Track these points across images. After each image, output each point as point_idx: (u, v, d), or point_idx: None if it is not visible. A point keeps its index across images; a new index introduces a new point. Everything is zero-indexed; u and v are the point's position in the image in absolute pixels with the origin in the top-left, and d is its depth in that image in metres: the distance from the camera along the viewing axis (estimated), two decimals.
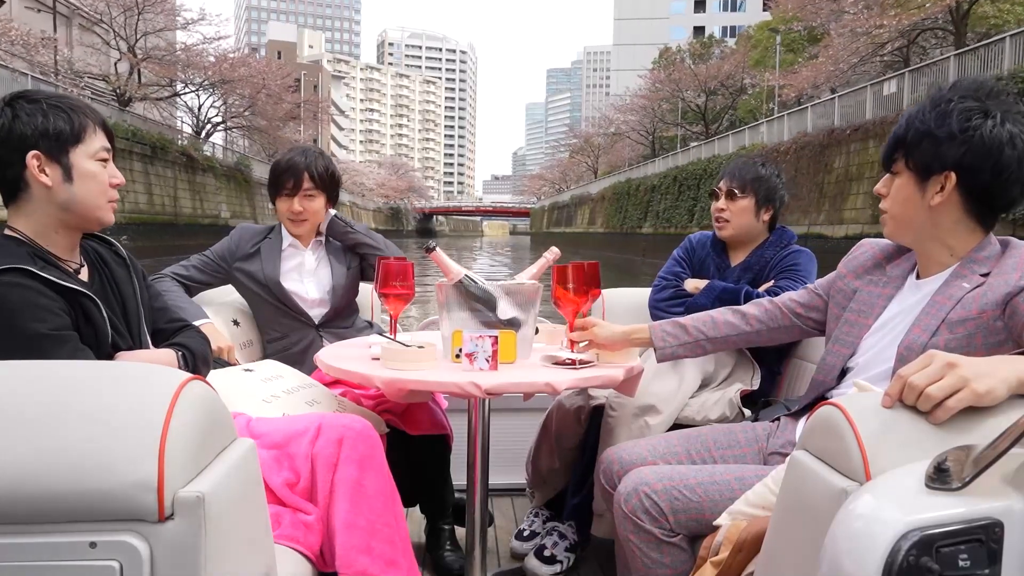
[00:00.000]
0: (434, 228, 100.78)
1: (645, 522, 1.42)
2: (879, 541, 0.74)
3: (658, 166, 36.60)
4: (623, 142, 49.69)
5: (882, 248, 1.52)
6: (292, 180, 2.18)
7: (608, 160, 55.64)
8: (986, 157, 1.25)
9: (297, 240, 2.28)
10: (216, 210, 31.29)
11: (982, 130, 1.25)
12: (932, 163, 1.30)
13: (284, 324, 2.24)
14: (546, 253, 1.84)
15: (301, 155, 2.21)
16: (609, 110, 49.99)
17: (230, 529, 0.88)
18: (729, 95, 37.47)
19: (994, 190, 1.29)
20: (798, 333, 1.68)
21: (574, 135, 68.36)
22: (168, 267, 2.21)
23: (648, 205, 34.38)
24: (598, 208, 46.49)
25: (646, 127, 44.77)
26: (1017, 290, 1.22)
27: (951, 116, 1.27)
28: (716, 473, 1.46)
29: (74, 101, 1.37)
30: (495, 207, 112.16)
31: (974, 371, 0.89)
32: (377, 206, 77.85)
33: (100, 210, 1.39)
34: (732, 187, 2.12)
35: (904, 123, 1.35)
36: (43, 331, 1.25)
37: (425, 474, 2.14)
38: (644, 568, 1.43)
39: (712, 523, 1.34)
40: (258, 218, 36.42)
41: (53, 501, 0.78)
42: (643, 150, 46.56)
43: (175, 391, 0.84)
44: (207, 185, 30.48)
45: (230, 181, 34.54)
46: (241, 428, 1.50)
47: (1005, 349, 1.21)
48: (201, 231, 25.93)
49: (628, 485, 1.46)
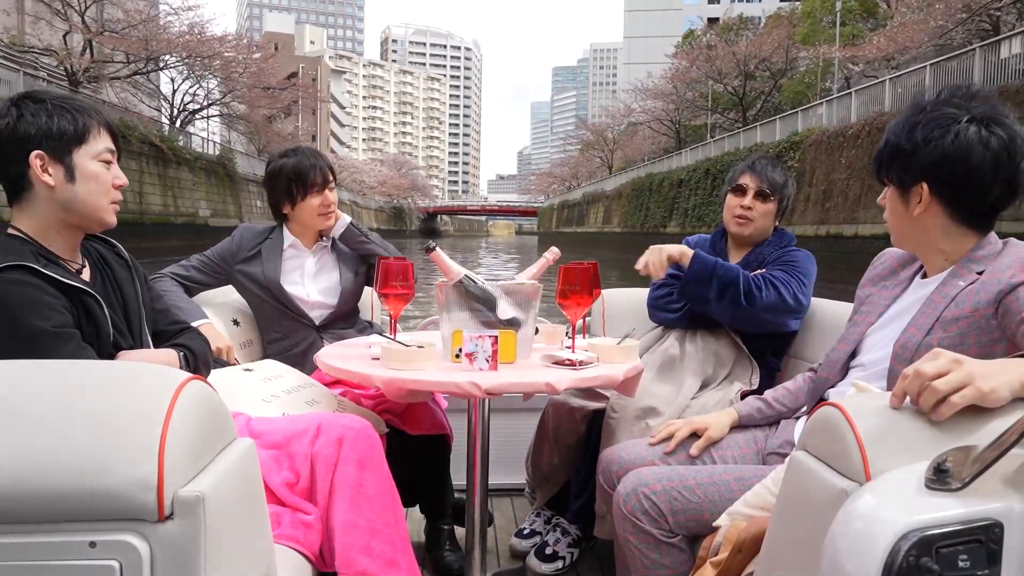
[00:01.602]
0: (438, 228, 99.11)
1: (644, 523, 1.42)
2: (879, 541, 0.74)
3: (685, 158, 33.05)
4: (642, 133, 45.13)
5: (899, 256, 1.53)
6: (321, 175, 2.22)
7: (624, 154, 51.52)
8: (952, 164, 1.26)
9: (298, 241, 2.28)
10: (193, 208, 27.69)
11: (946, 138, 1.26)
12: (905, 176, 1.32)
13: (285, 325, 2.24)
14: (546, 253, 1.84)
15: (313, 153, 2.27)
16: (628, 97, 44.07)
17: (230, 529, 0.88)
18: (769, 77, 32.24)
19: (971, 194, 1.29)
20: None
21: (586, 128, 63.38)
22: (168, 267, 2.21)
23: (674, 202, 31.28)
24: (614, 206, 43.16)
25: (670, 116, 39.90)
26: (1009, 288, 1.21)
27: (918, 128, 1.29)
28: (715, 474, 1.46)
29: (79, 102, 1.38)
30: (501, 206, 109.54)
31: (980, 370, 0.89)
32: (379, 205, 75.87)
33: (102, 211, 1.39)
34: (764, 188, 2.09)
35: (884, 137, 1.37)
36: (45, 328, 1.26)
37: (425, 474, 2.14)
38: (644, 569, 1.44)
39: (711, 523, 1.34)
40: (244, 217, 33.17)
41: (53, 500, 0.78)
42: (666, 142, 42.06)
43: (175, 391, 0.84)
44: (181, 180, 26.58)
45: (210, 176, 30.64)
46: (241, 428, 1.50)
47: (998, 348, 1.21)
48: (174, 231, 23.10)
49: (627, 486, 1.47)
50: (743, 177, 2.12)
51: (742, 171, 2.14)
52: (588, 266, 1.61)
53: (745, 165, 2.16)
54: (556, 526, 2.19)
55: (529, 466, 2.30)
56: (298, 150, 2.28)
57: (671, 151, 38.26)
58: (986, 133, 1.25)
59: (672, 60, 38.69)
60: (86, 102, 1.41)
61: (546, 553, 2.12)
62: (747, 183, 2.11)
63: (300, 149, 2.29)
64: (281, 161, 2.24)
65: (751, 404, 1.66)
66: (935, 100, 1.31)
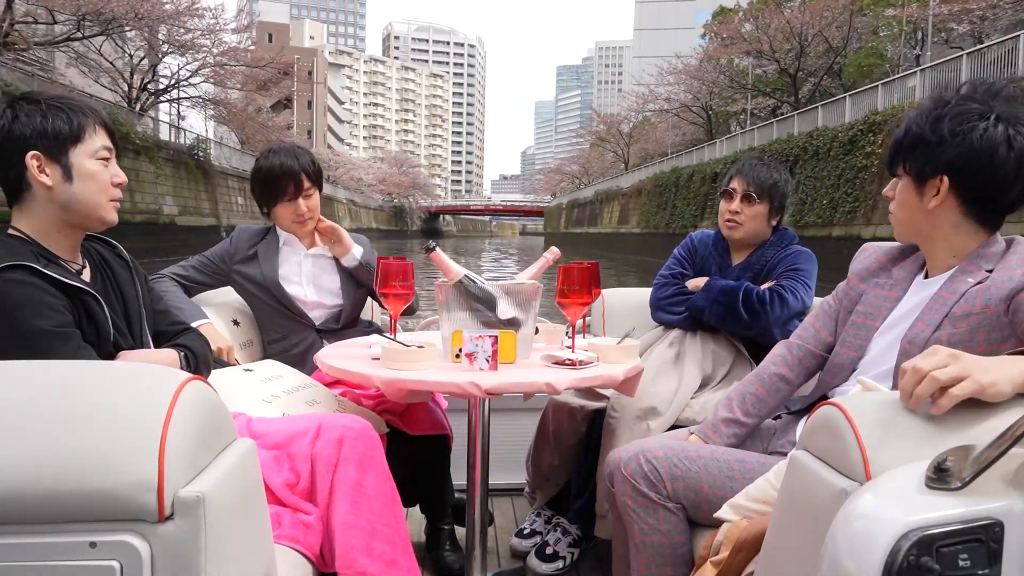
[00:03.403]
0: (441, 228, 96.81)
1: (642, 485, 1.43)
2: (879, 541, 0.74)
3: (721, 149, 29.20)
4: (665, 123, 40.44)
5: (886, 251, 1.53)
6: (292, 184, 2.13)
7: (642, 148, 46.76)
8: (977, 160, 1.25)
9: (292, 238, 2.26)
10: (155, 205, 23.90)
11: (974, 133, 1.25)
12: (925, 167, 1.31)
13: (284, 325, 2.24)
14: (546, 253, 1.84)
15: (290, 156, 2.15)
16: (652, 81, 38.13)
17: (230, 529, 0.88)
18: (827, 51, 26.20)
19: (990, 193, 1.28)
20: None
21: (599, 119, 56.44)
22: (167, 267, 2.20)
23: (707, 199, 27.42)
24: (632, 204, 39.42)
25: (701, 101, 35.09)
26: (1021, 286, 1.22)
27: (944, 120, 1.27)
28: (718, 452, 1.47)
29: (74, 101, 1.38)
30: (506, 206, 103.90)
31: (978, 364, 0.89)
32: (378, 204, 73.64)
33: (101, 209, 1.39)
34: (749, 191, 2.10)
35: (904, 126, 1.35)
36: (46, 328, 1.26)
37: (425, 474, 2.14)
38: (640, 535, 1.44)
39: (709, 499, 1.36)
40: (222, 216, 29.35)
41: (53, 501, 0.78)
42: (692, 133, 37.78)
43: (175, 391, 0.84)
44: (140, 172, 22.85)
45: (179, 168, 26.57)
46: (241, 428, 1.50)
47: (1007, 346, 1.21)
48: (130, 232, 18.80)
49: (629, 451, 1.48)
50: (732, 181, 2.15)
51: (732, 175, 2.17)
52: (588, 266, 1.61)
53: (735, 168, 2.18)
54: (556, 526, 2.19)
55: (529, 466, 2.30)
56: (279, 151, 2.17)
57: (699, 143, 34.20)
58: (1012, 132, 1.24)
59: (699, 43, 34.55)
60: (82, 101, 1.41)
61: (546, 553, 2.12)
62: (735, 187, 2.14)
63: (281, 150, 2.17)
64: (259, 163, 2.17)
65: (722, 432, 1.58)
66: (958, 94, 1.30)
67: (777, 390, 1.60)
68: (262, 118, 37.14)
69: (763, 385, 1.60)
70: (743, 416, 1.58)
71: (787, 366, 1.60)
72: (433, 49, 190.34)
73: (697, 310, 2.06)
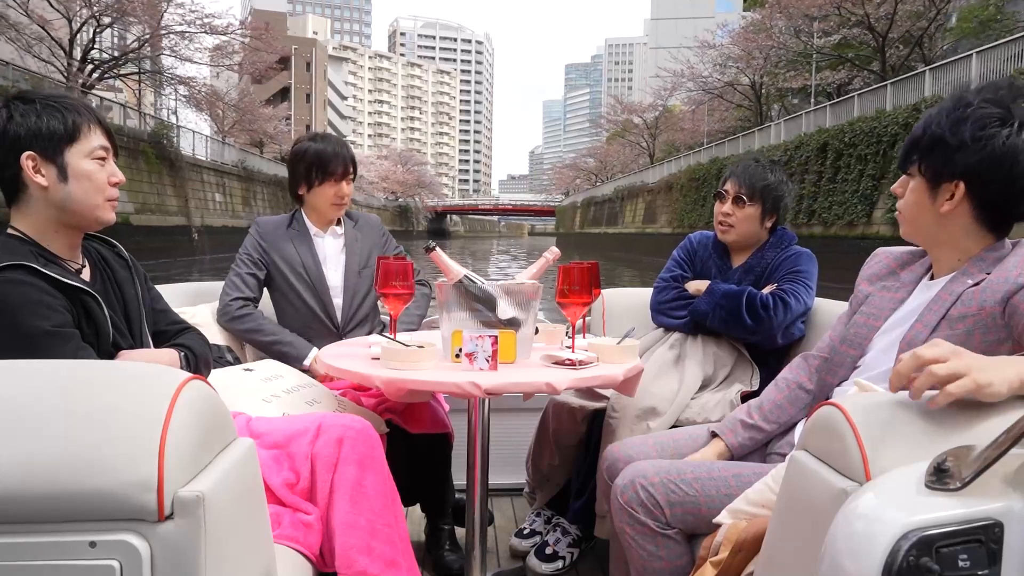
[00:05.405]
0: (448, 228, 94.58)
1: (640, 514, 1.42)
2: (879, 541, 0.74)
3: (776, 134, 24.69)
4: (700, 109, 35.48)
5: (896, 256, 1.52)
6: (342, 166, 2.23)
7: (668, 140, 41.58)
8: (998, 168, 1.22)
9: (315, 227, 2.28)
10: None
11: (996, 140, 1.22)
12: (942, 171, 1.28)
13: (311, 329, 2.20)
14: (546, 253, 1.84)
15: (339, 143, 2.28)
16: (692, 55, 33.05)
17: (230, 529, 0.88)
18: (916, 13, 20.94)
19: (1007, 201, 1.26)
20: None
21: (621, 108, 50.44)
22: (230, 300, 2.15)
23: None
24: (659, 201, 35.21)
25: (751, 78, 29.94)
26: (1016, 288, 1.20)
27: (965, 123, 1.24)
28: (714, 469, 1.46)
29: (69, 100, 1.37)
30: (515, 206, 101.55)
31: (978, 363, 0.89)
32: (382, 203, 69.09)
33: (98, 209, 1.38)
34: (740, 193, 2.09)
35: (922, 125, 1.32)
36: (45, 328, 1.26)
37: (426, 473, 2.14)
38: (641, 560, 1.44)
39: (708, 519, 1.35)
40: (194, 214, 25.59)
41: (53, 500, 0.78)
42: (733, 120, 32.83)
43: (175, 391, 0.85)
44: None
45: (137, 158, 22.90)
46: (241, 428, 1.50)
47: (1003, 348, 1.21)
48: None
49: (625, 478, 1.47)
50: (725, 183, 2.14)
51: (726, 177, 2.16)
52: (588, 266, 1.61)
53: (729, 170, 2.17)
54: (556, 526, 2.19)
55: (529, 466, 2.30)
56: (327, 137, 2.31)
57: (741, 130, 29.62)
58: None
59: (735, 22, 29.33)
60: (77, 100, 1.40)
61: (546, 553, 2.12)
62: (727, 189, 2.13)
63: (328, 136, 2.32)
64: (307, 144, 2.26)
65: (740, 434, 1.59)
66: (979, 96, 1.26)
67: (796, 398, 1.59)
68: (246, 103, 33.87)
69: (781, 392, 1.61)
70: (761, 421, 1.58)
71: (805, 375, 1.60)
72: (440, 46, 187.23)
73: (700, 315, 2.04)
